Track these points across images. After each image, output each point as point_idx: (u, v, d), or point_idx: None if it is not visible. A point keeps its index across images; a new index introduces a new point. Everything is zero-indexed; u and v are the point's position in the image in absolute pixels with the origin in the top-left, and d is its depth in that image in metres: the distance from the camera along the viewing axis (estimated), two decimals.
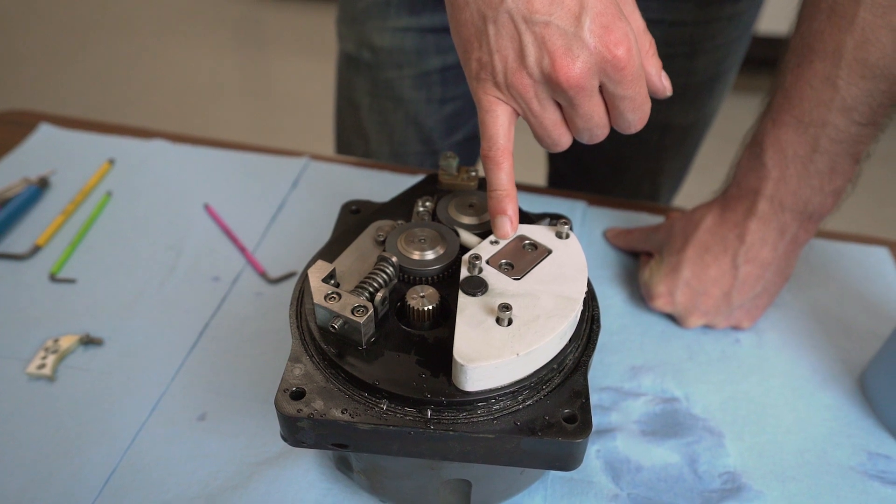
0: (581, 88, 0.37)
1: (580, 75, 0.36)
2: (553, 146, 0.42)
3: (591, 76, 0.37)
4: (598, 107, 0.39)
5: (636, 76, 0.38)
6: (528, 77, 0.38)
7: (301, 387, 0.36)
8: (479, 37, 0.38)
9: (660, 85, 0.44)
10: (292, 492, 0.44)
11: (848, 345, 0.55)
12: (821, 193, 0.49)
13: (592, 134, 0.41)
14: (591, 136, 0.41)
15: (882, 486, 0.45)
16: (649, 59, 0.44)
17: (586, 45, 0.36)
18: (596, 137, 0.41)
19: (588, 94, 0.38)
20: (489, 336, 0.35)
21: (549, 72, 0.37)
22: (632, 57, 0.37)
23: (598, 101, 0.39)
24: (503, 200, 0.41)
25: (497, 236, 0.42)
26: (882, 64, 0.44)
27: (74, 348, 0.52)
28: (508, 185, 0.41)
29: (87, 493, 0.43)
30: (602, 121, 0.40)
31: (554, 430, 0.34)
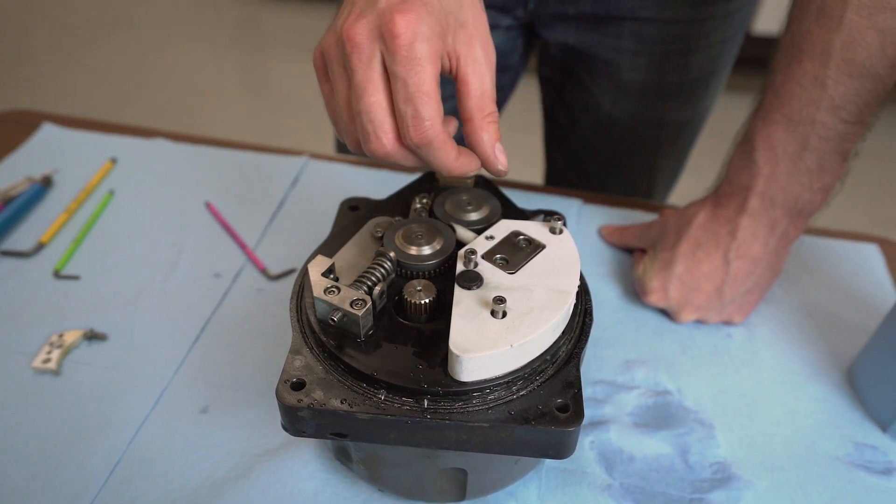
0: (355, 45, 0.36)
1: (358, 30, 0.36)
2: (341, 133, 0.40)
3: (367, 36, 0.36)
4: (373, 83, 0.36)
5: (410, 54, 0.35)
6: (332, 34, 0.38)
7: (301, 378, 0.37)
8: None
9: (489, 152, 0.40)
10: (293, 482, 0.45)
11: (837, 339, 0.56)
12: (810, 190, 0.50)
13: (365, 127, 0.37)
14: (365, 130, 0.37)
15: (868, 475, 0.46)
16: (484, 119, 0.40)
17: (377, 8, 0.36)
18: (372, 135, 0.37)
19: (363, 56, 0.36)
20: (484, 328, 0.36)
21: (340, 29, 0.37)
22: (409, 30, 0.35)
23: (373, 77, 0.36)
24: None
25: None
26: (868, 64, 0.45)
27: (79, 343, 0.53)
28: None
29: (92, 484, 0.44)
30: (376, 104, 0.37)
31: (547, 419, 0.35)
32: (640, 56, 0.71)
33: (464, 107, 0.40)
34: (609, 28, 0.70)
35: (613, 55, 0.72)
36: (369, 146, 0.38)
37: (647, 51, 0.71)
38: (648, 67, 0.72)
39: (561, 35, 0.73)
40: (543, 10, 0.71)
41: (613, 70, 0.73)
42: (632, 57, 0.72)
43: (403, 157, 0.39)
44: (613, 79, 0.74)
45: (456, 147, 0.39)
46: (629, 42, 0.71)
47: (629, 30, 0.70)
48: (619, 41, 0.71)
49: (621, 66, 0.73)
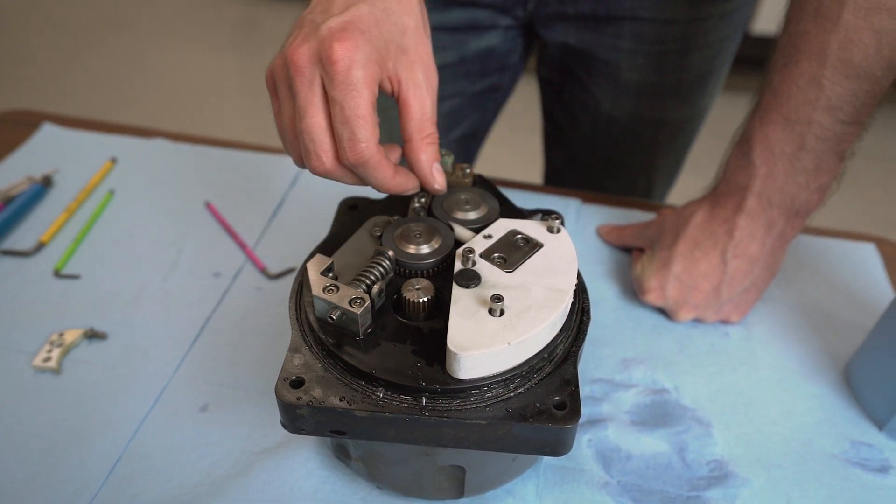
0: (298, 69, 0.38)
1: (300, 55, 0.38)
2: (289, 150, 0.42)
3: (308, 61, 0.38)
4: (313, 106, 0.38)
5: (346, 78, 0.37)
6: (281, 57, 0.40)
7: (300, 376, 0.37)
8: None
9: (427, 172, 0.42)
10: (292, 480, 0.45)
11: (834, 338, 0.56)
12: (807, 190, 0.51)
13: (307, 146, 0.39)
14: (306, 150, 0.39)
15: (864, 472, 0.46)
16: (423, 140, 0.42)
17: (318, 34, 0.38)
18: (313, 155, 0.39)
19: (304, 80, 0.38)
20: (482, 326, 0.36)
21: (285, 52, 0.39)
22: (346, 56, 0.37)
23: (314, 99, 0.38)
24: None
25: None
26: (865, 64, 0.45)
27: (79, 342, 0.54)
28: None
29: (92, 481, 0.45)
30: (316, 126, 0.39)
31: (544, 416, 0.36)
32: (639, 56, 0.72)
33: (404, 128, 0.42)
34: (608, 28, 0.70)
35: (612, 55, 0.72)
36: (310, 164, 0.40)
37: (645, 50, 0.71)
38: (647, 67, 0.72)
39: (560, 35, 0.73)
40: (543, 11, 0.71)
41: (612, 70, 0.74)
42: (630, 57, 0.72)
43: (342, 175, 0.41)
44: (612, 78, 0.74)
45: (392, 166, 0.41)
46: (628, 42, 0.71)
47: (628, 30, 0.70)
48: (617, 41, 0.71)
49: (620, 65, 0.73)
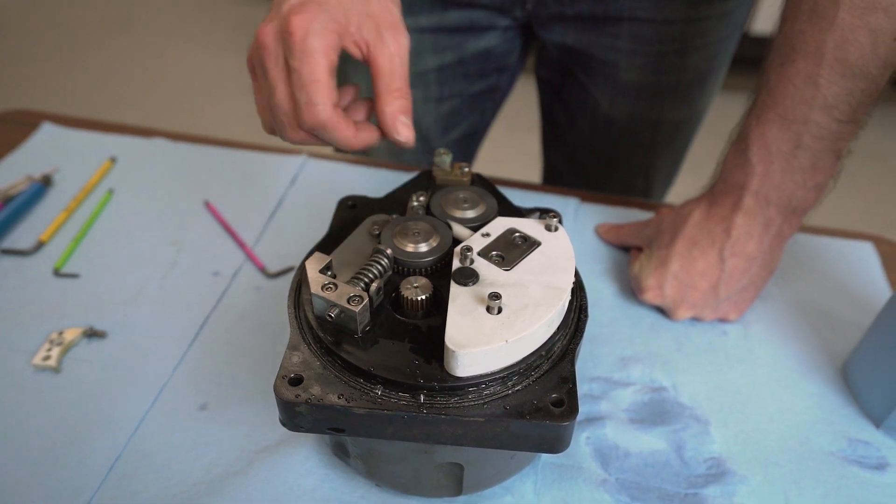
0: (264, 47, 0.42)
1: (265, 33, 0.42)
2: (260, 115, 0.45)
3: (272, 38, 0.41)
4: (280, 82, 0.42)
5: (303, 47, 0.40)
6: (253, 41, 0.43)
7: (299, 373, 0.37)
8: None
9: (391, 123, 0.44)
10: (291, 478, 0.45)
11: (831, 336, 0.57)
12: (804, 188, 0.51)
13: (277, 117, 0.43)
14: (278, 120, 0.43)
15: (861, 470, 0.47)
16: (389, 98, 0.43)
17: (280, 13, 0.41)
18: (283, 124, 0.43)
19: (270, 56, 0.42)
20: (480, 324, 0.36)
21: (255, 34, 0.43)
22: (301, 27, 0.40)
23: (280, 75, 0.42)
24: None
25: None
26: (861, 63, 0.45)
27: (78, 341, 0.54)
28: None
29: (92, 480, 0.45)
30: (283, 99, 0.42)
31: (542, 413, 0.36)
32: (637, 56, 0.72)
33: (374, 86, 0.44)
34: (607, 28, 0.71)
35: (611, 55, 0.72)
36: (283, 134, 0.44)
37: (644, 51, 0.71)
38: (645, 67, 0.73)
39: (559, 35, 0.74)
40: (541, 11, 0.71)
41: (611, 70, 0.74)
42: (629, 57, 0.72)
43: (308, 139, 0.44)
44: (611, 79, 0.75)
45: (352, 125, 0.43)
46: (626, 42, 0.71)
47: (626, 30, 0.70)
48: (616, 41, 0.71)
49: (619, 65, 0.73)
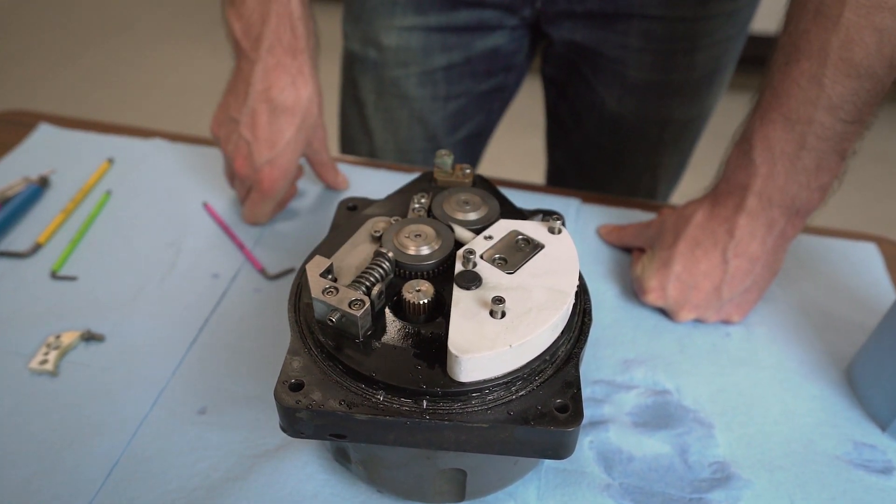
0: (241, 178, 0.61)
1: (244, 174, 0.60)
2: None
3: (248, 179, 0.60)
4: (243, 193, 0.63)
5: (265, 199, 0.61)
6: (225, 148, 0.61)
7: (300, 379, 0.37)
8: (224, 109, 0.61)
9: (334, 183, 0.69)
10: (291, 483, 0.44)
11: (835, 338, 0.56)
12: (808, 189, 0.50)
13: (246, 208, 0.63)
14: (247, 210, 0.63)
15: (867, 474, 0.46)
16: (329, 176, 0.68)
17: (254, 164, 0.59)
18: (247, 213, 0.64)
19: (242, 184, 0.62)
20: (483, 328, 0.36)
21: (232, 158, 0.60)
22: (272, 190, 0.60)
23: (244, 191, 0.63)
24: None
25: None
26: (866, 63, 0.45)
27: (76, 344, 0.53)
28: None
29: (90, 485, 0.44)
30: (242, 195, 0.64)
31: (546, 419, 0.35)
32: (647, 54, 0.71)
33: (316, 170, 0.68)
34: (616, 25, 0.70)
35: (620, 52, 0.72)
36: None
37: (653, 48, 0.71)
38: (654, 65, 0.72)
39: (568, 32, 0.73)
40: (551, 8, 0.71)
41: (619, 68, 0.73)
42: (638, 55, 0.72)
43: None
44: (619, 76, 0.74)
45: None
46: (636, 40, 0.71)
47: (636, 27, 0.70)
48: (625, 38, 0.71)
49: (627, 63, 0.73)
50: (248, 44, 0.57)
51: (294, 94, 0.58)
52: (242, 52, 0.58)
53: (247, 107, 0.58)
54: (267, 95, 0.57)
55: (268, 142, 0.58)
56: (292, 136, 0.59)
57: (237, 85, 0.59)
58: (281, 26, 0.56)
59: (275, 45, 0.57)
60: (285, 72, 0.57)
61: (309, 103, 0.59)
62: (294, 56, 0.58)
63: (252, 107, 0.58)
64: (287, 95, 0.57)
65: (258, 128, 0.58)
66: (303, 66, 0.58)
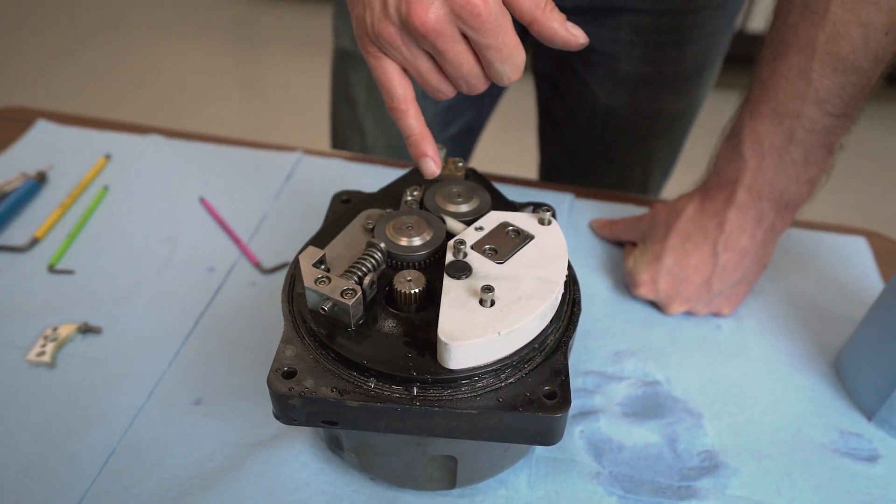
0: (438, 34, 0.38)
1: (435, 20, 0.38)
2: (435, 93, 0.44)
3: (446, 22, 0.38)
4: (464, 54, 0.40)
5: (495, 25, 0.38)
6: (391, 26, 0.39)
7: (293, 367, 0.37)
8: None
9: (567, 35, 0.43)
10: (285, 472, 0.45)
11: (824, 330, 0.57)
12: (796, 183, 0.51)
13: (468, 83, 0.42)
14: (467, 86, 0.42)
15: (853, 462, 0.47)
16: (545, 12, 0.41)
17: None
18: (473, 87, 0.42)
19: (448, 39, 0.39)
20: (472, 316, 0.36)
21: (406, 18, 0.38)
22: (487, 4, 0.37)
23: (462, 49, 0.40)
24: (420, 143, 0.43)
25: (425, 176, 0.44)
26: (853, 57, 0.45)
27: (73, 336, 0.54)
28: (419, 128, 0.43)
29: (87, 474, 0.45)
30: (472, 70, 0.41)
31: (534, 405, 0.36)
32: (637, 47, 0.72)
33: (522, 14, 0.41)
34: (607, 20, 0.71)
35: (610, 46, 0.73)
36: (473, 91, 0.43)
37: (643, 42, 0.72)
38: (644, 58, 0.73)
39: None
40: None
41: (610, 62, 0.74)
42: (628, 48, 0.72)
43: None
44: (610, 70, 0.75)
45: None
46: (626, 33, 0.71)
47: (626, 21, 0.70)
48: (616, 33, 0.71)
49: (618, 57, 0.73)
50: None
51: None
52: None
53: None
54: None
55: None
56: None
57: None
58: None
59: None
60: None
61: None
62: None
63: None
64: None
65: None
66: None
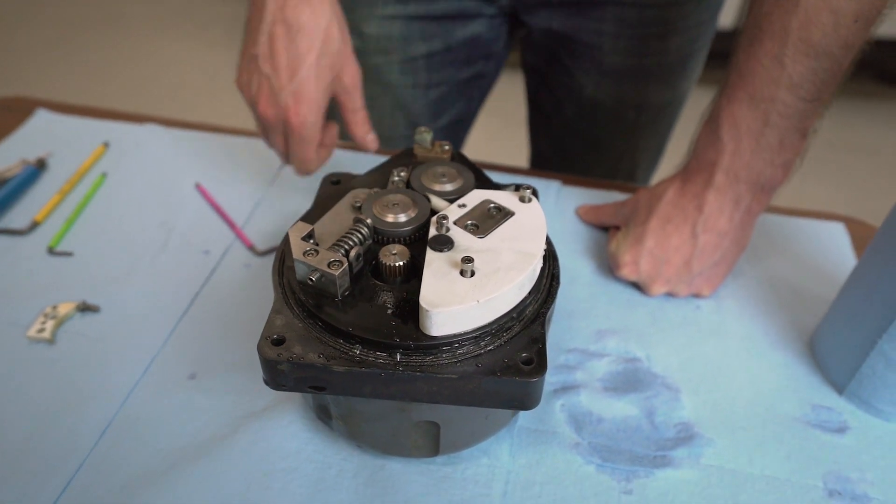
0: (269, 124, 0.57)
1: (270, 116, 0.56)
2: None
3: (276, 121, 0.57)
4: (280, 144, 0.59)
5: (301, 139, 0.57)
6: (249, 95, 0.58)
7: (282, 335, 0.39)
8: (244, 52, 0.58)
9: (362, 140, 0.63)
10: (276, 441, 0.47)
11: (801, 311, 0.59)
12: (772, 166, 0.53)
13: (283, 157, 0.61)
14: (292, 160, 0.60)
15: (822, 433, 0.49)
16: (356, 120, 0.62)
17: (278, 100, 0.55)
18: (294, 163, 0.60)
19: (274, 130, 0.58)
20: (453, 286, 0.38)
21: (255, 102, 0.57)
22: (303, 126, 0.56)
23: (280, 139, 0.59)
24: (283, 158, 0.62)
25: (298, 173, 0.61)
26: (824, 43, 0.47)
27: (72, 314, 0.55)
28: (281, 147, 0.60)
29: (85, 442, 0.47)
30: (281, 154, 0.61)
31: (512, 370, 0.38)
32: (621, 39, 0.74)
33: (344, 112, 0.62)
34: (591, 12, 0.73)
35: (595, 39, 0.75)
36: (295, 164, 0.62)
37: (627, 34, 0.73)
38: (629, 50, 0.75)
39: (544, 20, 0.76)
40: None
41: (595, 53, 0.76)
42: (613, 40, 0.74)
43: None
44: (595, 62, 0.77)
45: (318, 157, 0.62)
46: (610, 26, 0.73)
47: (610, 14, 0.72)
48: (600, 25, 0.73)
49: (603, 49, 0.75)
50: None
51: (310, 11, 0.54)
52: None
53: (262, 34, 0.54)
54: (282, 15, 0.54)
55: (287, 69, 0.54)
56: (313, 60, 0.55)
57: (252, 20, 0.56)
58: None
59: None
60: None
61: (328, 24, 0.55)
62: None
63: (268, 32, 0.54)
64: (303, 14, 0.54)
65: (276, 55, 0.54)
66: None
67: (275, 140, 0.59)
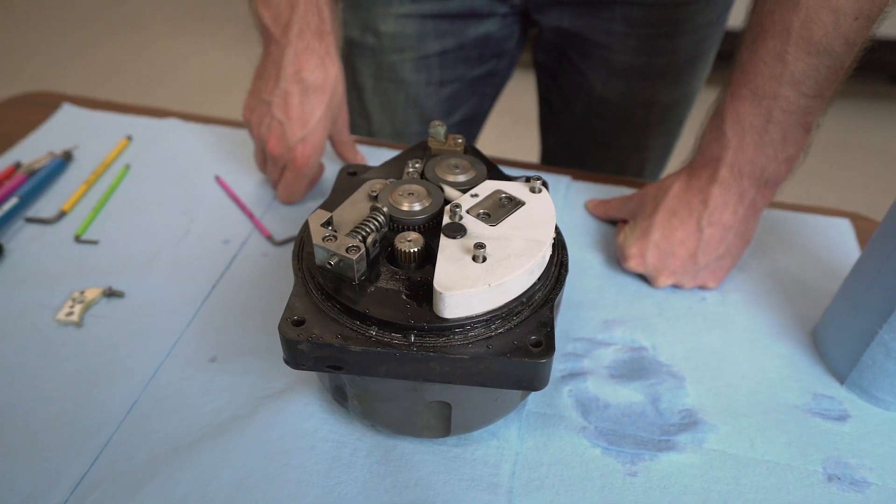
0: (275, 160, 0.65)
1: (277, 155, 0.64)
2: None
3: (282, 158, 0.64)
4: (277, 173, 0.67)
5: (300, 176, 0.65)
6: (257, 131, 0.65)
7: (301, 316, 0.41)
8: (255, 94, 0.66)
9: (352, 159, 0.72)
10: (293, 420, 0.49)
11: (805, 303, 0.60)
12: (775, 161, 0.54)
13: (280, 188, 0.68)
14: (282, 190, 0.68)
15: (823, 420, 0.50)
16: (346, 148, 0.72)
17: (287, 143, 0.63)
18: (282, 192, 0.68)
19: (275, 164, 0.66)
20: (465, 270, 0.40)
21: (265, 140, 0.64)
22: (306, 166, 0.64)
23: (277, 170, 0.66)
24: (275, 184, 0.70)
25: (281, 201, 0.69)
26: (825, 41, 0.48)
27: (98, 299, 0.58)
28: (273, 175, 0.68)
29: (112, 420, 0.49)
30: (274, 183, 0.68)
31: (521, 352, 0.39)
32: (630, 38, 0.75)
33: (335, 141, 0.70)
34: (601, 12, 0.74)
35: (605, 38, 0.76)
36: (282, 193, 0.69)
37: (636, 33, 0.75)
38: (638, 49, 0.76)
39: (555, 19, 0.77)
40: None
41: (605, 52, 0.77)
42: (622, 39, 0.76)
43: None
44: (605, 61, 0.78)
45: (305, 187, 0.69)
46: (620, 25, 0.75)
47: (620, 13, 0.74)
48: (610, 24, 0.75)
49: (612, 48, 0.77)
50: (277, 30, 0.61)
51: (323, 74, 0.62)
52: (272, 37, 0.62)
53: (279, 88, 0.61)
54: (298, 76, 0.61)
55: (300, 120, 0.62)
56: (322, 113, 0.63)
57: (267, 69, 0.63)
58: (309, 12, 0.61)
59: (304, 29, 0.61)
60: (314, 54, 0.61)
61: (336, 82, 0.63)
62: (321, 38, 0.62)
63: (284, 88, 0.61)
64: (317, 76, 0.61)
65: (290, 108, 0.62)
66: (329, 48, 0.62)
67: (272, 170, 0.67)
